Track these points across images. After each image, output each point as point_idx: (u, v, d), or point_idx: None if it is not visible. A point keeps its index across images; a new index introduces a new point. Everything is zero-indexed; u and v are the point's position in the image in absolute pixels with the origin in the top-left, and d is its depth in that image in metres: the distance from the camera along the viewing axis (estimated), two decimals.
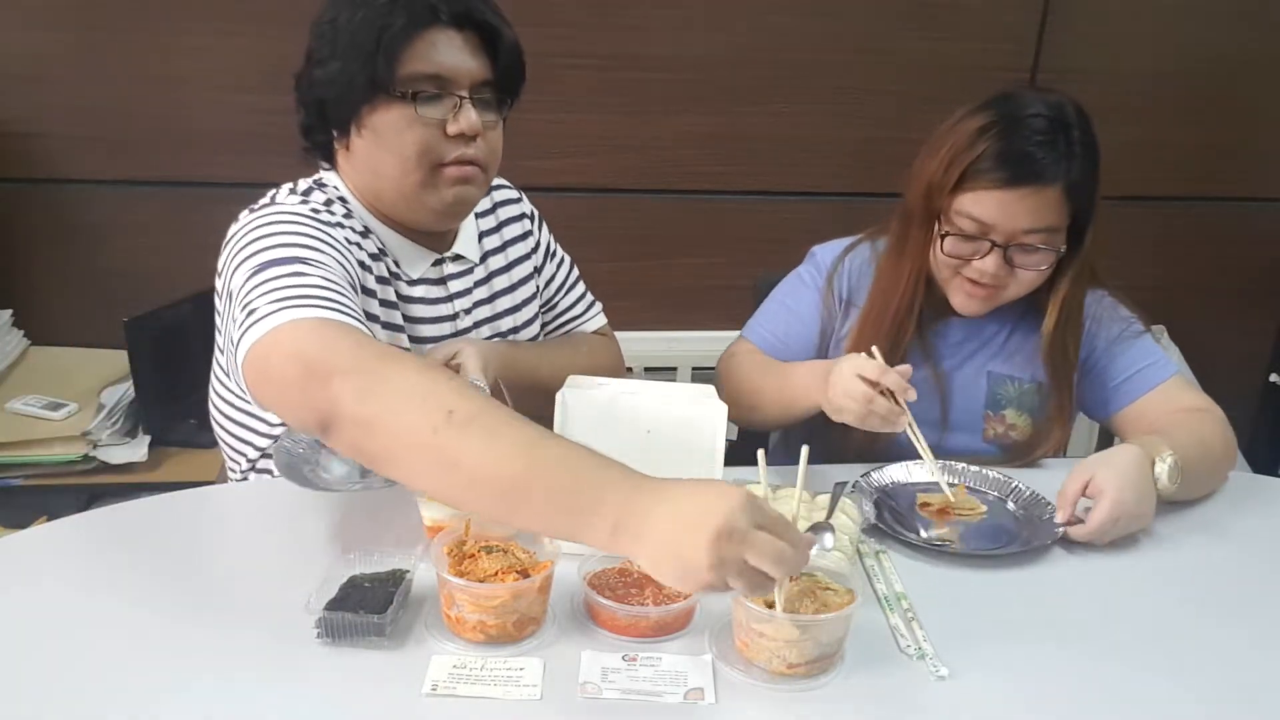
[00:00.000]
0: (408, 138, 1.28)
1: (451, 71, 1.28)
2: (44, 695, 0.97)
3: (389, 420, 0.97)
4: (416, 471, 0.99)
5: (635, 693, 0.99)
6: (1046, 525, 1.30)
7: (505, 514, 0.98)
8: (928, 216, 1.46)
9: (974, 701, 1.01)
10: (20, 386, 2.17)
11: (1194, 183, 2.63)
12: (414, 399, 0.98)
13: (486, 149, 1.34)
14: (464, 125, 1.29)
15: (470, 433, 0.95)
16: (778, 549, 0.90)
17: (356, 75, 1.26)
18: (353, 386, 0.99)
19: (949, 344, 1.57)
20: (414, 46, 1.26)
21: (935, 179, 1.43)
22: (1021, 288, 1.46)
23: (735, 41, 2.36)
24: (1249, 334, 2.79)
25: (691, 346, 2.48)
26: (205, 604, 1.11)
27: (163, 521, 1.26)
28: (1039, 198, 1.38)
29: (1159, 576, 1.25)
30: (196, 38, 2.21)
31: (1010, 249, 1.41)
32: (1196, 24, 2.48)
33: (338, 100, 1.29)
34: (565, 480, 0.95)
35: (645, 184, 2.44)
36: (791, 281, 1.65)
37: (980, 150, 1.39)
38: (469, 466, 0.95)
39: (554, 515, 0.95)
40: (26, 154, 2.26)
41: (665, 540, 0.90)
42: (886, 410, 1.32)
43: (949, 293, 1.49)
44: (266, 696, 0.97)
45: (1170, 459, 1.30)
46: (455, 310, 1.45)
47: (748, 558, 0.89)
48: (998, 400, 1.56)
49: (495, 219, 1.56)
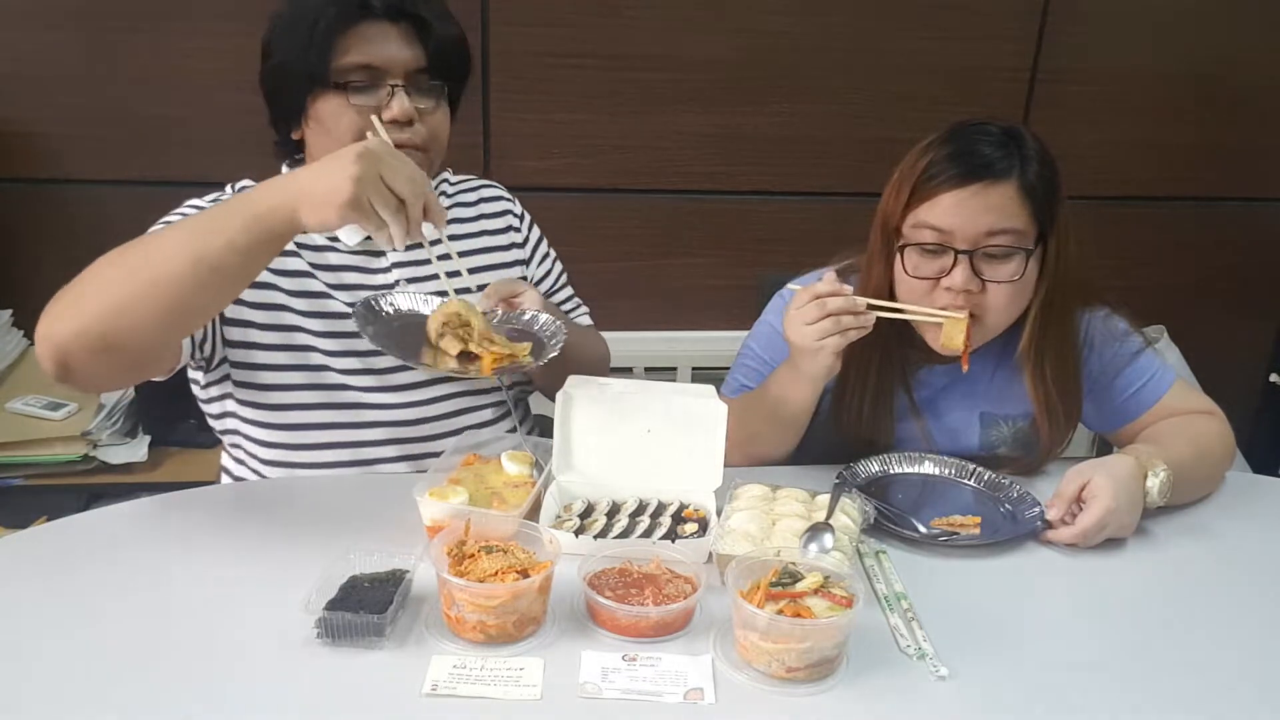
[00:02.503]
0: (344, 124, 1.35)
1: (384, 61, 1.34)
2: (44, 695, 0.97)
3: (80, 290, 1.16)
4: (118, 299, 1.12)
5: (635, 693, 0.99)
6: (1030, 522, 1.31)
7: (200, 273, 1.10)
8: (887, 248, 1.40)
9: (974, 701, 1.01)
10: (20, 386, 2.17)
11: (1194, 183, 2.63)
12: (87, 269, 1.17)
13: (426, 133, 1.39)
14: (396, 112, 1.34)
15: (137, 245, 1.16)
16: (410, 170, 1.12)
17: (296, 67, 1.34)
18: (51, 311, 1.17)
19: (935, 390, 1.52)
20: (346, 38, 1.33)
21: (889, 206, 1.40)
22: (998, 310, 1.37)
23: (735, 41, 2.36)
24: (1249, 334, 2.79)
25: (691, 346, 2.49)
26: (205, 604, 1.11)
27: (163, 521, 1.26)
28: (995, 194, 1.32)
29: (1159, 578, 1.25)
30: (196, 38, 2.21)
31: (976, 257, 1.34)
32: (1196, 24, 2.48)
33: (284, 92, 1.38)
34: (223, 214, 1.13)
35: (645, 184, 2.44)
36: (760, 330, 1.58)
37: (928, 160, 1.35)
38: (152, 262, 1.12)
39: (235, 235, 1.09)
40: (26, 154, 2.27)
41: (312, 171, 1.12)
42: (840, 304, 1.29)
43: (923, 331, 1.41)
44: (266, 696, 0.97)
45: (1163, 474, 1.30)
46: (391, 280, 1.47)
47: (383, 174, 1.08)
48: (991, 441, 1.52)
49: (475, 210, 1.59)
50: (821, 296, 1.31)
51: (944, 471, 1.45)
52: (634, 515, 1.28)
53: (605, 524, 1.25)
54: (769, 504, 1.29)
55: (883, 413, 1.48)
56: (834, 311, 1.30)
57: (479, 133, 2.32)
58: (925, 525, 1.31)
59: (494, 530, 1.14)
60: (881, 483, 1.43)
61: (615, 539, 1.22)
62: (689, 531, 1.24)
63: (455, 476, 1.32)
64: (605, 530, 1.24)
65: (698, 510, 1.29)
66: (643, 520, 1.27)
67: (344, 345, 1.42)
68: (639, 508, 1.30)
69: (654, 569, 1.13)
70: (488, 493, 1.29)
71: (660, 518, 1.27)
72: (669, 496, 1.32)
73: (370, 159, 1.08)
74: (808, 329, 1.32)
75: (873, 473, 1.44)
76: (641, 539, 1.22)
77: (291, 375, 1.42)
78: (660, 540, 1.21)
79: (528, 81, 2.32)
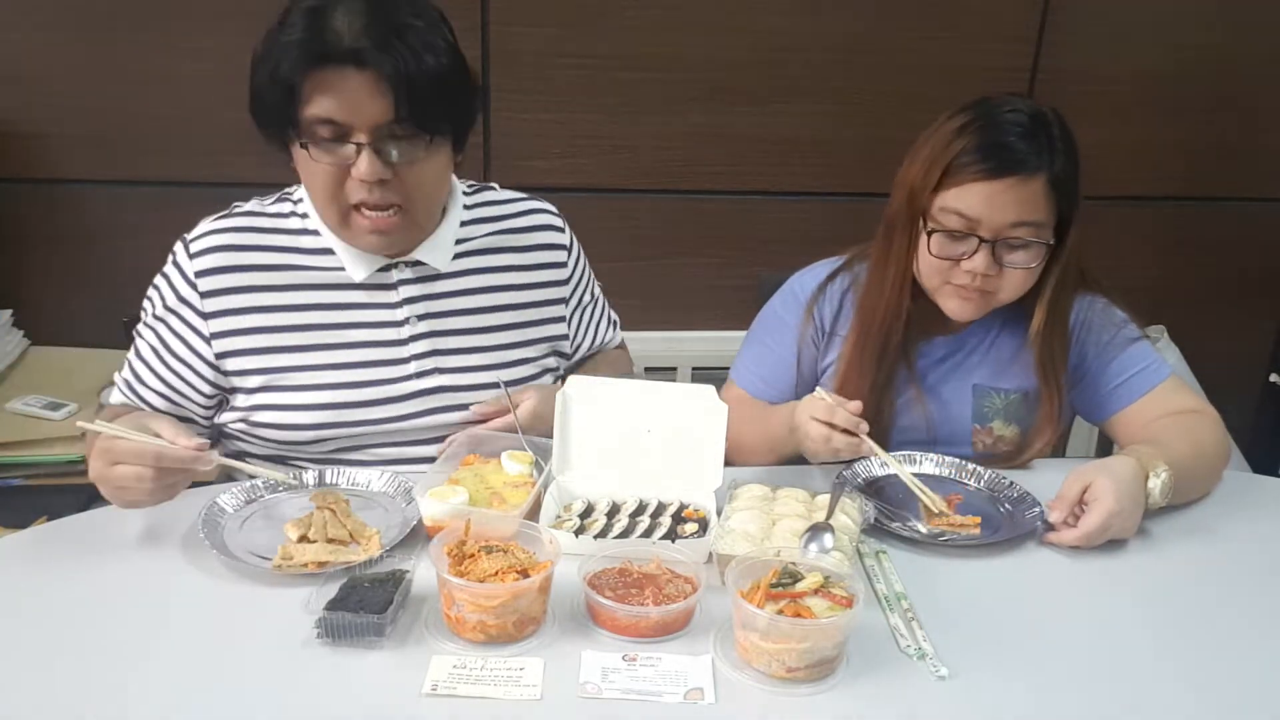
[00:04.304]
0: (317, 179, 1.27)
1: (347, 115, 1.22)
2: (44, 694, 0.97)
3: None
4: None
5: (635, 693, 0.99)
6: (1030, 522, 1.31)
7: None
8: (910, 221, 1.44)
9: (974, 701, 1.01)
10: (20, 386, 2.17)
11: (1194, 183, 2.62)
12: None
13: (405, 190, 1.28)
14: (364, 172, 1.24)
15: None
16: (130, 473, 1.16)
17: (270, 104, 1.26)
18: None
19: (931, 361, 1.56)
20: (310, 84, 1.22)
21: (917, 182, 1.42)
22: (1012, 290, 1.44)
23: (735, 41, 2.36)
24: (1249, 334, 2.79)
25: (691, 346, 2.48)
26: (205, 603, 1.11)
27: (162, 521, 1.26)
28: (1025, 189, 1.37)
29: (1159, 578, 1.25)
30: (196, 38, 2.21)
31: (998, 245, 1.39)
32: (1196, 24, 2.48)
33: (263, 131, 1.30)
34: None
35: (645, 184, 2.44)
36: (768, 318, 1.64)
37: (961, 145, 1.38)
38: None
39: None
40: (26, 154, 2.26)
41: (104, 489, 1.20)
42: (845, 444, 1.33)
43: (940, 300, 1.47)
44: (266, 696, 0.97)
45: (1164, 474, 1.31)
46: (403, 317, 1.42)
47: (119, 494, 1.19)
48: (984, 413, 1.56)
49: (529, 239, 1.52)
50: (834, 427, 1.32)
51: (944, 471, 1.46)
52: (634, 515, 1.28)
53: (605, 524, 1.25)
54: (769, 504, 1.29)
55: (883, 385, 1.50)
56: (837, 447, 1.33)
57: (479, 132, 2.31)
58: (925, 525, 1.31)
59: (494, 530, 1.14)
60: (881, 483, 1.43)
61: (615, 539, 1.22)
62: (689, 531, 1.24)
63: (455, 476, 1.32)
64: (605, 530, 1.24)
65: (698, 510, 1.29)
66: (643, 520, 1.27)
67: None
68: (639, 508, 1.30)
69: (654, 569, 1.13)
70: (488, 493, 1.29)
71: (660, 518, 1.27)
72: (669, 496, 1.32)
73: (109, 490, 1.19)
74: (808, 440, 1.35)
75: (873, 473, 1.44)
76: (641, 539, 1.22)
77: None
78: (660, 540, 1.21)
79: (528, 81, 2.32)
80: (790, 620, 1.00)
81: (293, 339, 1.39)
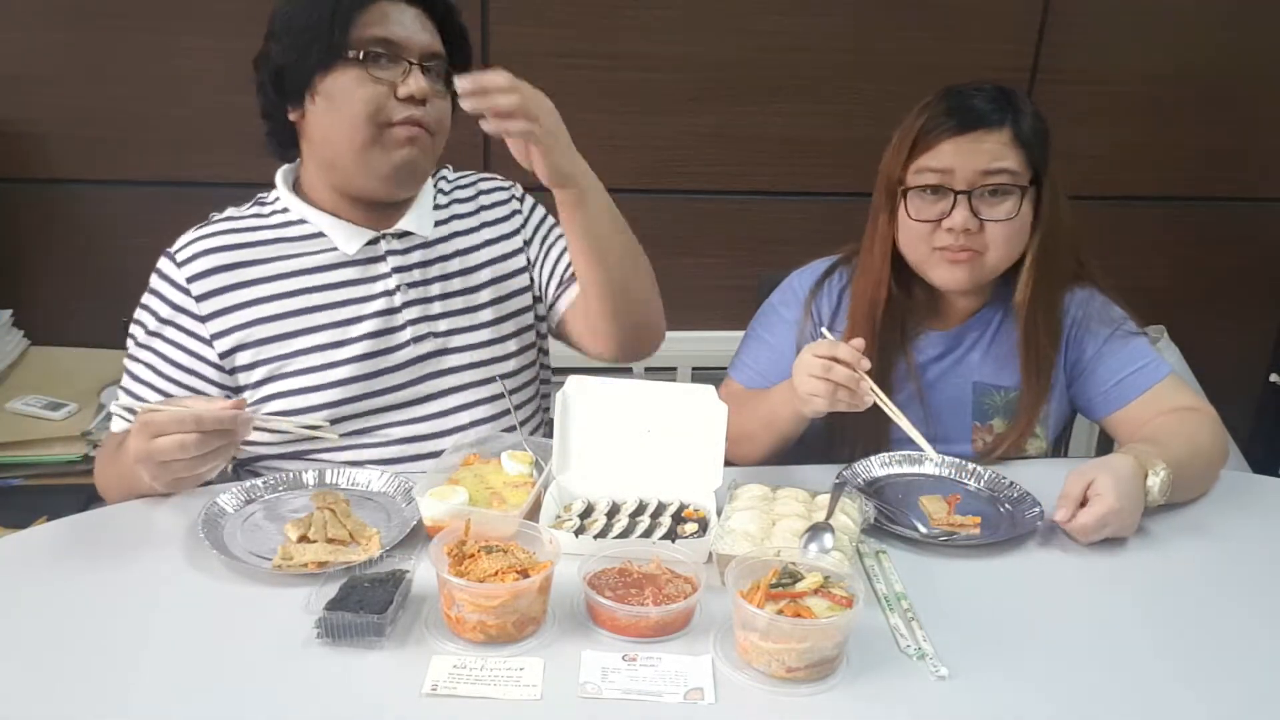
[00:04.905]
0: (358, 96, 1.35)
1: (402, 39, 1.37)
2: (44, 694, 0.97)
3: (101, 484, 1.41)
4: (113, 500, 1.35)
5: (635, 693, 0.99)
6: (1030, 522, 1.31)
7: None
8: (890, 198, 1.50)
9: (974, 701, 1.01)
10: (20, 386, 2.17)
11: (1194, 183, 2.62)
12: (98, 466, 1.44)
13: (434, 115, 1.40)
14: (413, 88, 1.36)
15: (109, 467, 1.38)
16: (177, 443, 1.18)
17: (312, 43, 1.35)
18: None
19: (930, 358, 1.57)
20: (367, 14, 1.36)
21: (890, 164, 1.50)
22: (997, 249, 1.46)
23: (735, 41, 2.36)
24: (1249, 334, 2.79)
25: (691, 346, 2.48)
26: (205, 603, 1.11)
27: (162, 521, 1.26)
28: (992, 139, 1.44)
29: (1159, 578, 1.25)
30: (196, 38, 2.21)
31: (975, 198, 1.43)
32: (1196, 24, 2.48)
33: (294, 69, 1.37)
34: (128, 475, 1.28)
35: (644, 184, 2.44)
36: (767, 314, 1.66)
37: (927, 115, 1.47)
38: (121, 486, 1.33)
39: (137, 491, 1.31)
40: (26, 154, 2.27)
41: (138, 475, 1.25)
42: (845, 376, 1.34)
43: (929, 271, 1.50)
44: (266, 696, 0.97)
45: (1163, 473, 1.31)
46: (391, 286, 1.45)
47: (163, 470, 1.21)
48: (984, 411, 1.57)
49: (474, 204, 1.58)
50: (836, 360, 1.34)
51: (944, 472, 1.46)
52: (634, 515, 1.28)
53: (605, 524, 1.25)
54: (769, 504, 1.29)
55: (881, 380, 1.49)
56: (836, 380, 1.34)
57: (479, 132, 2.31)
58: (925, 525, 1.31)
59: (494, 530, 1.14)
60: (881, 483, 1.43)
61: (615, 539, 1.22)
62: (689, 531, 1.24)
63: (455, 476, 1.32)
64: (605, 530, 1.24)
65: (698, 510, 1.29)
66: (643, 520, 1.27)
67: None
68: (639, 508, 1.30)
69: (654, 569, 1.13)
70: (488, 493, 1.29)
71: (660, 518, 1.27)
72: (669, 496, 1.32)
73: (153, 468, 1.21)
74: (809, 379, 1.36)
75: (873, 473, 1.44)
76: (641, 539, 1.22)
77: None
78: (660, 540, 1.21)
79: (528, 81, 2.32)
80: (790, 620, 1.00)
81: (292, 324, 1.41)
